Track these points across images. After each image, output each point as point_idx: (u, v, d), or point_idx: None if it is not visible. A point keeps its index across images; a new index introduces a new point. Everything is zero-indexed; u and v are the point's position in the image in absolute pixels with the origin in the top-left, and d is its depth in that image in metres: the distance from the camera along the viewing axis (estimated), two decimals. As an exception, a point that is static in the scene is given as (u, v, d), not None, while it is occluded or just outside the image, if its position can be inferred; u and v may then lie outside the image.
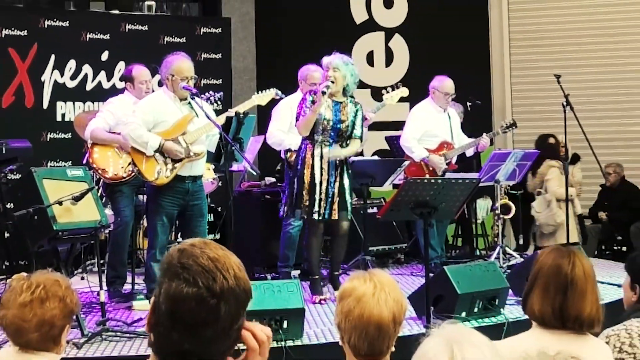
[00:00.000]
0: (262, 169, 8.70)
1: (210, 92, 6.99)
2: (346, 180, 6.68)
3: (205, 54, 10.09)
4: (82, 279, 7.34)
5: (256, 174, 8.41)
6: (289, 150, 7.36)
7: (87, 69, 9.42)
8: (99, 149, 6.87)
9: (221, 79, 10.25)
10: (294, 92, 7.56)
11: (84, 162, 7.14)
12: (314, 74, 7.37)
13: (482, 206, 9.29)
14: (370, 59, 11.04)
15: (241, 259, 1.90)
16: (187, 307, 1.76)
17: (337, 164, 6.64)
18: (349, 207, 6.70)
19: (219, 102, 6.94)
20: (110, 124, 6.88)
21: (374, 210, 8.35)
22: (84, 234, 6.24)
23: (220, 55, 10.32)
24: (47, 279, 3.01)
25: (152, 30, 9.87)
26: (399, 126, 8.54)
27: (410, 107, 8.48)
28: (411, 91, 8.19)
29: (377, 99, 8.92)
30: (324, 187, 6.58)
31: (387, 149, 9.69)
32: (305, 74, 7.51)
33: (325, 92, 6.49)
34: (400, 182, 7.46)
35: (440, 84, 8.12)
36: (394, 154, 8.96)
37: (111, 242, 6.98)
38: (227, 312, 1.78)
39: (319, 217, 6.57)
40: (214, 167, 7.76)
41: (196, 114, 6.45)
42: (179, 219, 6.63)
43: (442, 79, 8.15)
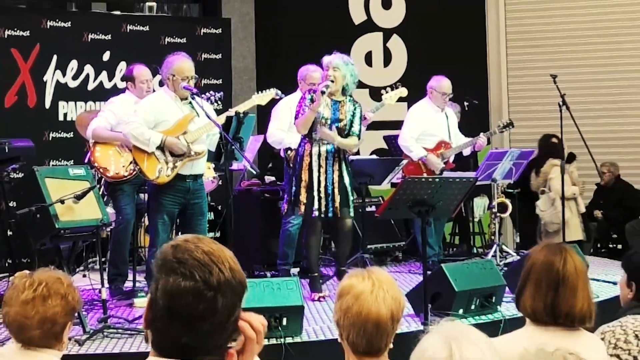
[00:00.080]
0: (260, 168, 8.76)
1: (210, 92, 6.98)
2: (346, 177, 6.67)
3: (205, 54, 10.08)
4: (84, 276, 7.36)
5: (256, 172, 8.46)
6: (288, 149, 7.35)
7: (88, 69, 9.44)
8: (100, 148, 6.88)
9: (221, 79, 10.24)
10: (293, 92, 7.56)
11: (86, 161, 7.15)
12: (313, 74, 7.38)
13: (479, 204, 9.28)
14: (368, 59, 11.04)
15: (241, 256, 1.91)
16: (184, 301, 1.75)
17: (334, 162, 6.63)
18: (350, 205, 6.68)
19: (219, 101, 6.92)
20: (111, 123, 6.89)
21: (373, 208, 8.31)
22: (85, 232, 6.21)
23: (220, 55, 10.31)
24: (49, 277, 3.02)
25: (153, 30, 9.87)
26: (397, 126, 8.55)
27: (408, 107, 8.50)
28: (409, 91, 8.18)
29: (376, 98, 8.92)
30: (322, 184, 6.57)
31: (386, 148, 9.71)
32: (304, 74, 7.51)
33: (324, 91, 6.49)
34: (398, 180, 7.51)
35: (437, 84, 8.14)
36: (393, 153, 8.95)
37: (112, 240, 6.97)
38: (224, 305, 1.78)
39: (319, 214, 6.56)
40: (214, 166, 7.77)
41: (197, 114, 6.45)
42: (179, 217, 6.60)
43: (440, 79, 8.17)
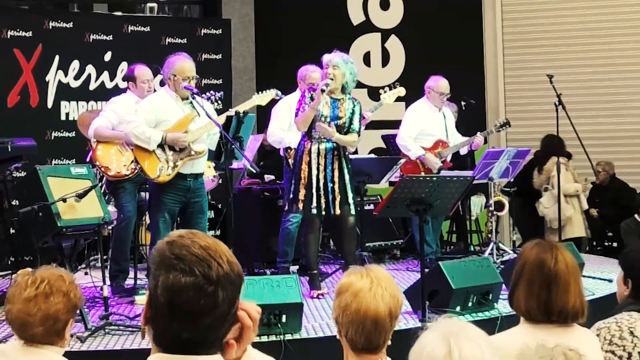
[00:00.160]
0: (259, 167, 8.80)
1: (210, 91, 6.99)
2: (346, 175, 6.67)
3: (205, 55, 10.10)
4: (86, 274, 7.39)
5: (255, 171, 8.50)
6: (288, 148, 7.40)
7: (90, 69, 9.46)
8: (102, 147, 6.88)
9: (221, 79, 10.25)
10: (292, 92, 7.59)
11: (88, 160, 7.19)
12: (312, 74, 7.40)
13: (476, 203, 9.30)
14: (367, 59, 11.06)
15: (241, 254, 1.97)
16: (185, 297, 1.75)
17: (334, 159, 6.64)
18: (351, 202, 6.66)
19: (219, 101, 6.94)
20: (113, 122, 6.90)
21: (371, 207, 8.32)
22: (87, 230, 6.22)
23: (220, 55, 10.32)
24: (52, 274, 3.04)
25: (154, 31, 9.88)
26: (395, 125, 8.56)
27: (406, 107, 8.50)
28: (407, 91, 8.22)
29: (374, 98, 8.96)
30: (321, 182, 6.58)
31: (384, 147, 9.75)
32: (304, 74, 7.52)
33: (324, 89, 6.51)
34: (396, 179, 7.55)
35: (435, 84, 8.15)
36: (391, 152, 8.98)
37: (114, 238, 6.98)
38: (225, 298, 1.79)
39: (318, 212, 6.57)
40: (214, 164, 7.81)
41: (197, 113, 6.46)
42: (180, 215, 6.59)
43: (438, 79, 8.18)
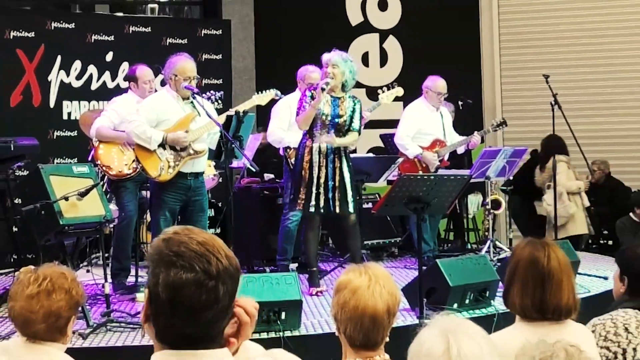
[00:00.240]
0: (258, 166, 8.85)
1: (210, 91, 7.00)
2: (347, 174, 6.71)
3: (206, 55, 10.12)
4: (88, 271, 7.35)
5: (255, 170, 8.55)
6: (288, 147, 7.45)
7: (92, 69, 9.49)
8: (104, 147, 6.90)
9: (221, 79, 10.27)
10: (292, 91, 7.63)
11: (89, 159, 7.23)
12: (312, 74, 7.44)
13: (473, 201, 9.31)
14: (365, 59, 11.09)
15: (241, 252, 2.02)
16: (187, 293, 1.75)
17: (335, 158, 6.68)
18: (351, 200, 6.67)
19: (219, 101, 6.95)
20: (114, 122, 6.92)
21: (369, 205, 8.32)
22: (89, 228, 6.28)
23: (220, 56, 10.34)
24: (54, 272, 3.05)
25: (155, 32, 9.90)
26: (393, 124, 8.61)
27: (404, 106, 8.53)
28: (405, 91, 8.26)
29: (372, 98, 8.98)
30: (322, 180, 6.62)
31: (382, 146, 9.75)
32: (303, 74, 7.57)
33: (324, 88, 6.55)
34: (394, 178, 7.57)
35: (433, 83, 8.18)
36: (389, 151, 9.02)
37: (115, 236, 7.01)
38: (225, 292, 1.79)
39: (317, 209, 6.60)
40: (214, 163, 7.84)
41: (198, 113, 6.50)
42: (180, 214, 6.62)
43: (435, 79, 8.21)
